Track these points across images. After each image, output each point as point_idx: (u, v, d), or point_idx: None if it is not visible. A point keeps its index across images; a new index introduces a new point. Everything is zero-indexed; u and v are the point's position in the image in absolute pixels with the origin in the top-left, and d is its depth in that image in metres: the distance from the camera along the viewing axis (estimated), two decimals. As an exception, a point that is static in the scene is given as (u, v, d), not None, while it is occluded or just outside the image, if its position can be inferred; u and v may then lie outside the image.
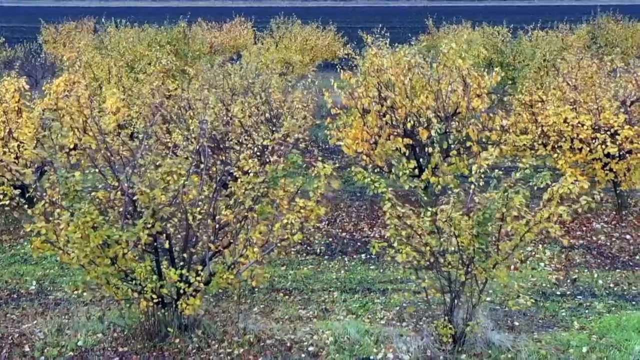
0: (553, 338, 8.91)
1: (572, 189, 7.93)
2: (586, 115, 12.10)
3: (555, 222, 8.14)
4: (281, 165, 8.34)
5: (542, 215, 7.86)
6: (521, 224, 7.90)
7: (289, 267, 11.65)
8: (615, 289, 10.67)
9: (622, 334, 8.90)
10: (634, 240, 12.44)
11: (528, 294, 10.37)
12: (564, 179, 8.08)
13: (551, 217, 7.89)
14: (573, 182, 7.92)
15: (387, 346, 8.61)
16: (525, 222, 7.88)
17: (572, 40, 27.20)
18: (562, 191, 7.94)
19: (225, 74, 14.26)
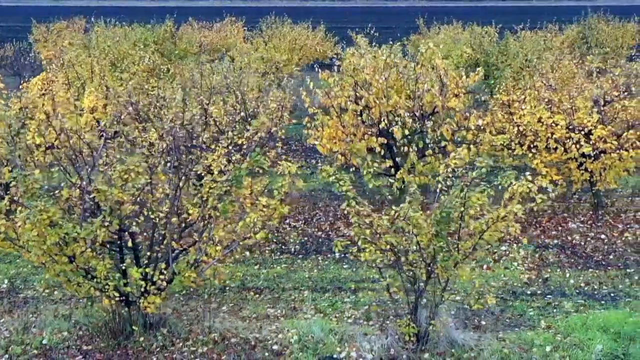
0: (518, 337, 8.92)
1: (531, 187, 7.91)
2: (560, 115, 12.10)
3: (516, 221, 8.11)
4: (245, 164, 8.34)
5: (498, 214, 7.85)
6: (481, 223, 7.90)
7: (262, 266, 11.65)
8: (586, 289, 10.67)
9: (587, 333, 8.91)
10: (608, 239, 12.45)
11: (498, 293, 10.48)
12: (523, 177, 8.08)
13: (508, 215, 7.86)
14: (532, 182, 7.89)
15: (351, 345, 8.62)
16: (484, 221, 7.87)
17: (561, 40, 27.17)
18: (521, 190, 7.93)
19: (204, 73, 14.26)
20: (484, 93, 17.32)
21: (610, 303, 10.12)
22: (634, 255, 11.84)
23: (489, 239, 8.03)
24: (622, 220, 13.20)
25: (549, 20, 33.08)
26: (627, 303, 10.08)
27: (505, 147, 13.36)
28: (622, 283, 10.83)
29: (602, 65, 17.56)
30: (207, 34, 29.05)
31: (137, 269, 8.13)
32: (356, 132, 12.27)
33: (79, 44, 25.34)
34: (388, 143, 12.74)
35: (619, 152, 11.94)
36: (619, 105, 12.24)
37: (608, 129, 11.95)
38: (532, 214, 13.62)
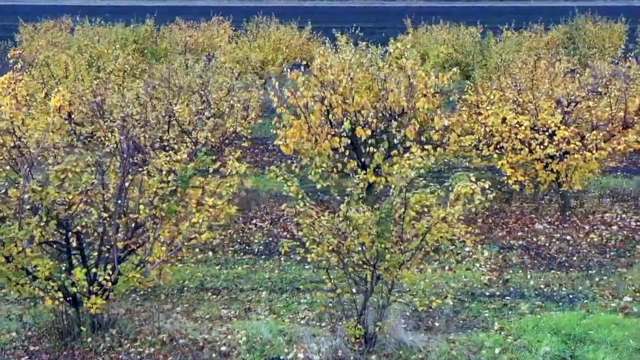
0: (468, 339, 8.88)
1: (474, 189, 7.87)
2: (524, 116, 12.05)
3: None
4: (191, 164, 8.29)
5: (438, 215, 7.80)
6: (422, 224, 7.86)
7: (223, 266, 11.61)
8: (545, 290, 10.63)
9: (537, 335, 8.87)
10: (574, 241, 12.40)
11: (457, 295, 10.45)
12: (458, 178, 8.03)
13: (447, 217, 7.81)
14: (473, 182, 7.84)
15: (299, 346, 8.58)
16: (426, 223, 7.82)
17: (546, 41, 27.12)
18: (465, 191, 7.89)
19: (179, 73, 14.21)
20: (462, 93, 17.25)
21: (568, 305, 10.07)
22: (597, 256, 11.79)
23: (431, 239, 7.96)
24: (589, 221, 13.15)
25: (543, 20, 33.06)
26: (585, 305, 10.03)
27: (474, 148, 13.31)
28: (582, 284, 10.78)
29: (580, 65, 17.54)
30: (192, 34, 29.00)
31: (80, 269, 8.08)
32: (321, 132, 12.20)
33: (62, 43, 25.35)
34: (353, 143, 12.69)
35: (582, 154, 11.88)
36: (584, 106, 12.18)
37: (571, 130, 11.89)
38: (499, 215, 13.64)
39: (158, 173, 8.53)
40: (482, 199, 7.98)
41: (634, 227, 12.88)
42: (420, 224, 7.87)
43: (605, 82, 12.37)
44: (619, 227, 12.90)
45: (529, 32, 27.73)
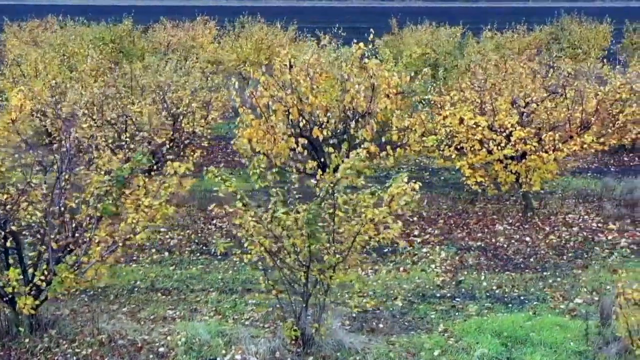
0: (409, 341, 8.83)
1: (405, 189, 7.82)
2: (482, 117, 11.99)
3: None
4: (128, 164, 8.25)
5: (366, 216, 7.75)
6: (352, 225, 7.80)
7: (178, 266, 11.56)
8: (497, 292, 10.57)
9: (478, 337, 8.81)
10: (532, 242, 12.34)
11: (407, 296, 10.41)
12: (399, 179, 7.98)
13: (375, 217, 7.75)
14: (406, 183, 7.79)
15: (237, 348, 8.53)
16: (357, 223, 7.77)
17: (528, 41, 27.08)
18: (397, 192, 7.83)
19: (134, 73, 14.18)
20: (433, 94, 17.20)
21: (517, 306, 10.02)
22: (554, 258, 11.74)
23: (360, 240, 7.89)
24: (550, 222, 13.09)
25: (534, 21, 33.03)
26: (534, 306, 9.98)
27: (436, 149, 13.27)
28: (535, 286, 10.73)
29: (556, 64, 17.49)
30: (174, 34, 28.95)
31: (14, 270, 8.04)
32: (278, 132, 12.14)
33: (44, 42, 25.31)
34: (313, 144, 12.64)
35: (539, 154, 11.82)
36: (542, 106, 12.12)
37: (527, 131, 11.84)
38: (461, 216, 13.60)
39: (98, 173, 8.49)
40: (409, 200, 7.91)
41: (594, 228, 12.83)
42: (351, 225, 7.81)
43: (562, 82, 12.31)
44: (580, 228, 12.84)
45: (511, 33, 27.63)
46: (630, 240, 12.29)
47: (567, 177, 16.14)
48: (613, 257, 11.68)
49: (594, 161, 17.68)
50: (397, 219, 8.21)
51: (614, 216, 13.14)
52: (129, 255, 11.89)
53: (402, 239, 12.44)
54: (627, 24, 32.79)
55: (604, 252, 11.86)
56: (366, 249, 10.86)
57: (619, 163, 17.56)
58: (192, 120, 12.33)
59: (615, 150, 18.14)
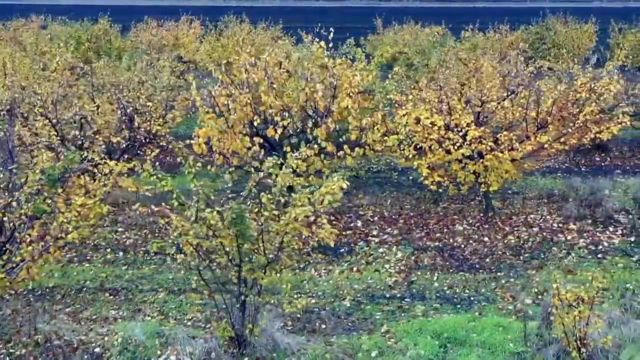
0: (348, 342, 8.75)
1: (335, 189, 7.74)
2: (438, 116, 11.91)
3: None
4: (60, 163, 8.17)
5: (290, 216, 7.67)
6: (281, 225, 7.72)
7: (130, 266, 11.48)
8: (447, 292, 10.49)
9: (417, 338, 8.74)
10: (491, 242, 12.25)
11: (357, 296, 10.33)
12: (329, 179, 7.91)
13: (298, 217, 7.67)
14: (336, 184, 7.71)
15: (173, 348, 8.45)
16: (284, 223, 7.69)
17: (510, 41, 26.97)
18: (326, 191, 7.76)
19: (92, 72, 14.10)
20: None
21: (465, 307, 9.94)
22: (510, 258, 11.65)
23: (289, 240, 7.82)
24: (511, 223, 13.00)
25: (523, 21, 32.89)
26: (482, 307, 9.91)
27: (397, 148, 13.19)
28: (487, 287, 10.65)
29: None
30: (156, 33, 28.86)
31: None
32: (234, 131, 12.06)
33: (24, 41, 25.22)
34: (271, 143, 12.57)
35: (494, 154, 11.74)
36: (500, 105, 12.03)
37: (482, 130, 11.75)
38: (422, 216, 13.51)
39: (34, 173, 8.42)
40: (331, 199, 7.83)
41: (554, 228, 12.73)
42: (278, 224, 7.73)
43: (518, 82, 12.21)
44: (540, 228, 12.74)
45: (493, 32, 27.52)
46: (589, 240, 12.21)
47: (535, 177, 16.07)
48: (570, 258, 11.60)
49: (565, 161, 17.59)
50: (322, 218, 8.12)
51: (575, 217, 13.04)
52: (84, 254, 11.87)
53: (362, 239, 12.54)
54: (613, 24, 32.63)
55: (561, 253, 11.77)
56: (308, 249, 10.93)
57: (590, 163, 17.46)
58: (149, 119, 12.25)
59: (588, 150, 18.08)
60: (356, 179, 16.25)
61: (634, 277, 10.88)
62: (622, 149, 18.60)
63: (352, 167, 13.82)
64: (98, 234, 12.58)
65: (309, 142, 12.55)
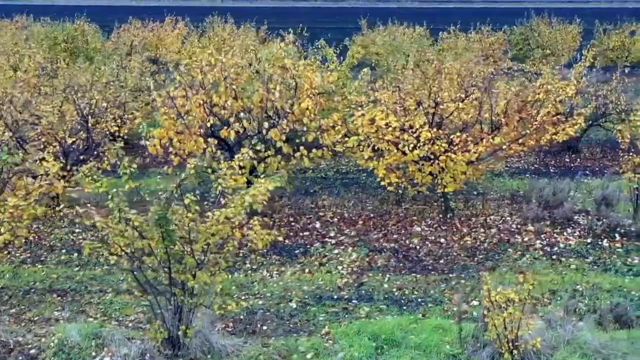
0: (286, 343, 8.73)
1: (260, 192, 7.73)
2: (393, 117, 11.89)
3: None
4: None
5: (215, 218, 7.66)
6: (206, 227, 7.71)
7: (83, 267, 11.47)
8: (396, 294, 10.47)
9: (354, 340, 8.70)
10: (447, 244, 12.23)
11: (304, 298, 10.31)
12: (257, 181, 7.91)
13: (227, 219, 7.66)
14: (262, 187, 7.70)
15: (108, 350, 8.44)
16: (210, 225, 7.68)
17: (491, 42, 26.96)
18: (253, 193, 7.75)
19: (55, 73, 14.11)
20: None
21: (411, 308, 9.94)
22: (465, 260, 11.63)
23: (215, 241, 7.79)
24: (470, 224, 12.98)
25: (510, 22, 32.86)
26: (428, 309, 9.89)
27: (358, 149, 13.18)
28: (436, 288, 10.63)
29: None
30: (137, 34, 28.85)
31: None
32: (191, 133, 12.07)
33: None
34: (228, 144, 12.58)
35: (447, 155, 11.72)
36: (454, 106, 12.01)
37: (434, 131, 11.73)
38: (383, 217, 13.49)
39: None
40: (250, 200, 7.81)
41: (513, 230, 12.71)
42: (206, 225, 7.72)
43: (471, 83, 12.20)
44: (498, 229, 12.72)
45: (475, 33, 27.51)
46: (546, 241, 12.18)
47: (503, 178, 16.08)
48: (524, 259, 11.59)
49: (535, 162, 17.59)
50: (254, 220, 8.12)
51: (534, 218, 13.01)
52: (38, 255, 11.87)
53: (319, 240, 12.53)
54: (598, 24, 32.66)
55: (516, 254, 11.76)
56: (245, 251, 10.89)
57: (560, 164, 17.44)
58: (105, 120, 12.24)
59: (559, 152, 18.07)
60: (324, 179, 16.28)
61: (586, 278, 10.86)
62: (594, 150, 18.58)
63: (310, 167, 13.85)
64: (55, 235, 12.60)
65: (266, 144, 12.60)
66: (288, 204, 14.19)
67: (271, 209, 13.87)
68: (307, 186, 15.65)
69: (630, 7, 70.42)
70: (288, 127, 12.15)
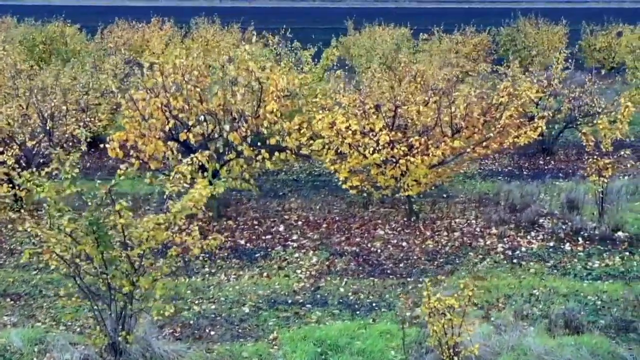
0: (230, 349, 8.69)
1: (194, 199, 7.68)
2: (354, 120, 11.85)
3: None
4: None
5: (151, 221, 7.61)
6: (140, 232, 7.66)
7: (42, 271, 11.40)
8: (351, 298, 10.42)
9: (299, 345, 8.66)
10: (409, 247, 12.18)
11: (258, 302, 10.26)
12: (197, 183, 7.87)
13: (149, 224, 7.61)
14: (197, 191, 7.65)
15: (50, 356, 8.40)
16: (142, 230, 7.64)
17: (474, 43, 26.90)
18: (189, 199, 7.71)
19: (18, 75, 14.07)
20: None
21: (364, 313, 9.88)
22: (425, 263, 11.58)
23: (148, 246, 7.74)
24: (434, 227, 12.92)
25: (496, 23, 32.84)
26: (381, 313, 9.84)
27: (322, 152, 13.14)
28: (392, 292, 10.57)
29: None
30: (121, 35, 28.82)
31: None
32: (152, 136, 12.03)
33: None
34: (189, 147, 12.54)
35: (407, 158, 11.66)
36: (415, 109, 11.95)
37: (393, 134, 11.68)
38: (347, 220, 13.44)
39: None
40: (191, 206, 7.77)
41: (476, 233, 12.65)
42: (138, 231, 7.66)
43: (431, 86, 12.14)
44: (462, 233, 12.67)
45: (459, 34, 27.45)
46: (508, 245, 12.13)
47: (475, 181, 16.04)
48: (484, 263, 11.54)
49: (509, 164, 17.54)
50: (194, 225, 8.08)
51: (499, 221, 12.96)
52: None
53: (281, 244, 12.47)
54: (584, 25, 32.62)
55: (477, 258, 11.71)
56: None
57: (533, 166, 17.39)
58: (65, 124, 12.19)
59: (533, 154, 18.04)
60: (295, 182, 16.24)
61: (543, 282, 10.80)
62: (569, 152, 18.53)
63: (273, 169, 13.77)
64: (16, 239, 12.56)
65: (229, 147, 12.57)
66: (254, 207, 14.15)
67: (236, 212, 13.85)
68: (277, 188, 15.62)
69: (615, 7, 70.10)
70: (250, 129, 12.10)
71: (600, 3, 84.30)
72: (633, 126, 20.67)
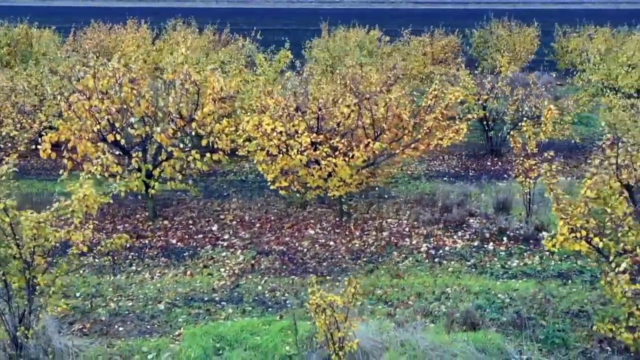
0: (134, 344, 8.96)
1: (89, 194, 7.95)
2: (279, 122, 12.10)
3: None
4: None
5: (28, 221, 7.88)
6: (26, 229, 7.93)
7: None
8: (266, 296, 10.68)
9: (197, 340, 8.92)
10: (335, 247, 12.43)
11: (174, 299, 10.52)
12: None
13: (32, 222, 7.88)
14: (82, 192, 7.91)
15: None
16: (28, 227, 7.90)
17: (442, 45, 27.12)
18: (78, 196, 7.97)
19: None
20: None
21: (275, 310, 10.14)
22: (348, 262, 11.82)
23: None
24: (364, 227, 13.17)
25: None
26: (291, 311, 10.07)
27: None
28: (306, 290, 10.81)
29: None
30: (92, 37, 29.01)
31: None
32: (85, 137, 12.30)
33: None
34: (122, 148, 12.81)
35: (329, 160, 11.92)
36: (339, 112, 12.20)
37: (314, 136, 11.94)
38: (282, 220, 13.68)
39: None
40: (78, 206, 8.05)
41: (405, 232, 12.90)
42: (25, 229, 7.93)
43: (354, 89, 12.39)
44: (390, 233, 12.91)
45: (427, 36, 27.65)
46: (433, 244, 12.38)
47: (420, 182, 16.26)
48: (406, 262, 11.79)
49: (457, 165, 17.78)
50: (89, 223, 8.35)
51: (428, 221, 13.21)
52: None
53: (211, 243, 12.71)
54: (557, 27, 32.82)
55: (400, 257, 11.96)
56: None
57: (480, 167, 17.62)
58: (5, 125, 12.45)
59: (482, 155, 18.28)
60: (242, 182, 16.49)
61: (458, 281, 11.06)
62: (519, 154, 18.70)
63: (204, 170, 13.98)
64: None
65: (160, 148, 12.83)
66: (194, 207, 14.41)
67: (174, 212, 14.11)
68: (222, 189, 15.86)
69: (584, 9, 70.01)
70: (184, 131, 12.38)
71: (575, 5, 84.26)
72: (588, 127, 20.99)
